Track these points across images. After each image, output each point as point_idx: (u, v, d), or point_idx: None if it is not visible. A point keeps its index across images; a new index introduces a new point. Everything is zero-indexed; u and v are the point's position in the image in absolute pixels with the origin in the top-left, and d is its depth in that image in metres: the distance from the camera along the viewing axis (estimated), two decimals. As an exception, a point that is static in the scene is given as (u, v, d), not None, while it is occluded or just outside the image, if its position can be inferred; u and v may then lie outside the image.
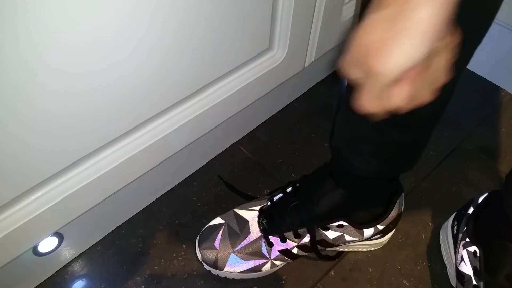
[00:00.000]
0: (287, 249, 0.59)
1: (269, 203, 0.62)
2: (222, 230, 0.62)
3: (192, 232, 0.65)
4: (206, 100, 0.58)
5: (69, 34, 0.37)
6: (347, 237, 0.59)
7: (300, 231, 0.58)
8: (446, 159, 0.77)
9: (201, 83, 0.56)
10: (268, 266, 0.61)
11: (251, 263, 0.60)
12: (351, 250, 0.65)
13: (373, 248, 0.65)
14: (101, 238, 0.67)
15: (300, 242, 0.59)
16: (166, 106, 0.53)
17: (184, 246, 0.66)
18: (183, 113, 0.57)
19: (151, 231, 0.68)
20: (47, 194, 0.48)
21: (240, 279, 0.62)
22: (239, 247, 0.60)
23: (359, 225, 0.58)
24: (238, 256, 0.60)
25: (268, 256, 0.60)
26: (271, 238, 0.59)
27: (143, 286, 0.62)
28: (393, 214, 0.59)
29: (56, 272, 0.64)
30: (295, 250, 0.60)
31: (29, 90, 0.38)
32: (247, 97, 0.64)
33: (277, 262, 0.61)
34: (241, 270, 0.60)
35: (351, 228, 0.58)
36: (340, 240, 0.59)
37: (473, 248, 0.58)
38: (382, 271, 0.64)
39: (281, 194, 0.62)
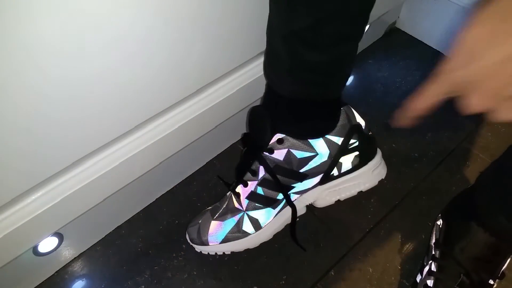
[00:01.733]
0: (251, 191, 0.59)
1: None
2: (207, 211, 0.64)
3: (192, 232, 0.65)
4: (206, 100, 0.58)
5: (69, 35, 0.37)
6: (295, 152, 0.56)
7: (253, 167, 0.59)
8: (446, 159, 0.77)
9: (201, 83, 0.56)
10: (248, 224, 0.60)
11: (230, 224, 0.61)
12: (338, 198, 0.63)
13: (366, 186, 0.63)
14: (101, 238, 0.67)
15: (259, 178, 0.58)
16: (166, 106, 0.53)
17: (184, 246, 0.66)
18: (183, 113, 0.57)
19: (151, 231, 0.68)
20: (47, 194, 0.48)
21: (231, 253, 0.62)
22: (217, 214, 0.62)
23: (300, 136, 0.56)
24: (217, 221, 0.61)
25: (240, 208, 0.60)
26: (237, 189, 0.61)
27: (143, 286, 0.62)
28: (342, 122, 0.57)
29: (56, 272, 0.64)
30: (260, 190, 0.59)
31: (29, 91, 0.38)
32: (247, 97, 0.64)
33: (253, 214, 0.60)
34: (223, 237, 0.61)
35: (292, 140, 0.56)
36: (291, 160, 0.57)
37: (440, 221, 0.63)
38: (382, 271, 0.64)
39: None
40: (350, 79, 0.88)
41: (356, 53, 0.52)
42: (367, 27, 0.86)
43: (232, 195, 0.61)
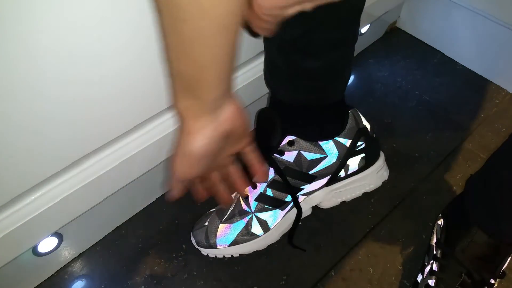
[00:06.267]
0: (260, 193, 0.59)
1: None
2: (212, 213, 0.64)
3: (192, 232, 0.65)
4: (206, 100, 0.58)
5: (69, 39, 0.37)
6: (306, 154, 0.57)
7: None
8: (446, 159, 0.77)
9: (201, 83, 0.55)
10: (257, 226, 0.60)
11: (239, 226, 0.60)
12: (343, 199, 0.64)
13: (371, 187, 0.63)
14: (101, 238, 0.67)
15: (269, 179, 0.59)
16: (166, 106, 0.53)
17: (184, 246, 0.66)
18: (183, 113, 0.56)
19: (151, 231, 0.68)
20: (47, 194, 0.48)
21: (240, 255, 0.62)
22: (225, 217, 0.61)
23: (310, 138, 0.56)
24: (226, 224, 0.61)
25: (249, 210, 0.60)
26: (245, 191, 0.60)
27: (143, 286, 0.62)
28: (350, 125, 0.58)
29: (56, 272, 0.63)
30: (269, 192, 0.59)
31: (29, 92, 0.38)
32: (247, 97, 0.64)
33: (261, 216, 0.60)
34: (232, 240, 0.60)
35: (302, 142, 0.56)
36: (302, 161, 0.57)
37: (441, 221, 0.63)
38: (382, 271, 0.64)
39: None
40: (351, 79, 0.88)
41: (353, 56, 0.53)
42: (366, 27, 0.86)
43: (240, 197, 0.61)
